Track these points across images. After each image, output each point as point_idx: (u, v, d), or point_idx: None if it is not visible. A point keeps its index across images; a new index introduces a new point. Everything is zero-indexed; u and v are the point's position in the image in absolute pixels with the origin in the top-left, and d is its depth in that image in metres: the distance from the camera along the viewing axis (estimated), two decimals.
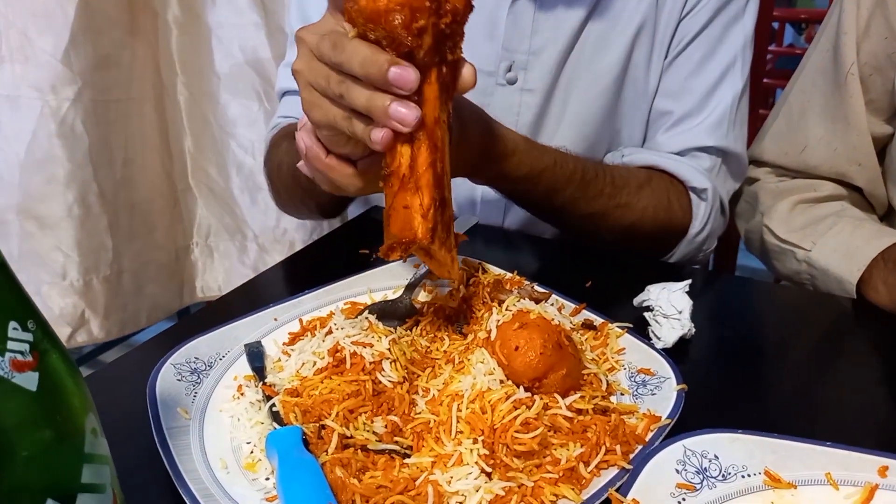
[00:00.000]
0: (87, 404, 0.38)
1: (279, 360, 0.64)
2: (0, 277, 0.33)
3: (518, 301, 0.61)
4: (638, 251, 0.90)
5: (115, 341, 2.08)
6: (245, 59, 1.38)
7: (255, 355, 0.64)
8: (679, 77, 0.93)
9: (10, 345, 0.33)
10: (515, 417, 0.51)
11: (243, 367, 0.63)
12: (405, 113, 0.52)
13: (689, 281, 0.71)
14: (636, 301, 0.73)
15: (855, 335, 0.70)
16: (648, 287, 0.73)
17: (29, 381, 0.33)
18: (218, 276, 1.55)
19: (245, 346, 0.65)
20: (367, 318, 0.63)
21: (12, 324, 0.33)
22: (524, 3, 0.90)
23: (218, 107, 1.42)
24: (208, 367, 0.63)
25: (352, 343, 0.58)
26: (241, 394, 0.60)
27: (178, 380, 0.60)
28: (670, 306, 0.69)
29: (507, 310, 0.60)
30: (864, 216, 0.94)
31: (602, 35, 0.91)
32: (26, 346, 0.33)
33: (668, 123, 0.94)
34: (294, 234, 1.50)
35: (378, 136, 0.54)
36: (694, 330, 0.69)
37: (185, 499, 0.47)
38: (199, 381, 0.61)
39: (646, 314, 0.71)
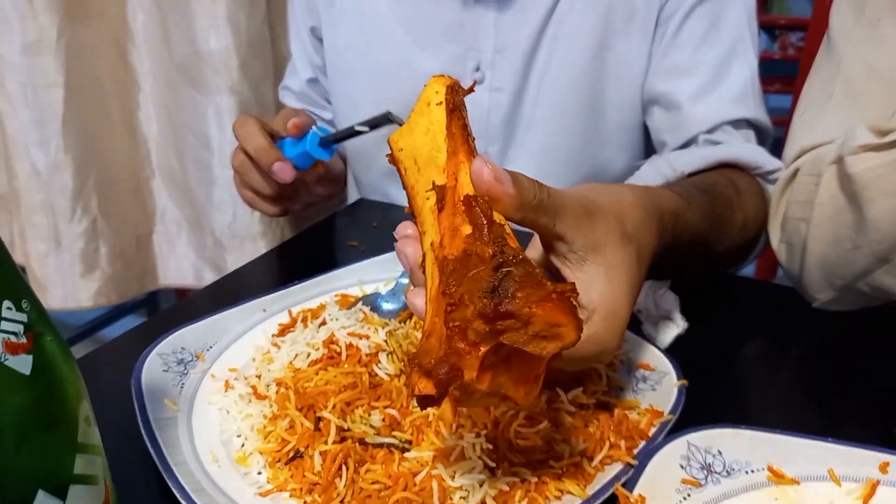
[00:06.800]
0: (81, 391, 0.35)
1: (268, 351, 0.62)
2: None
3: None
4: (731, 263, 0.85)
5: (82, 335, 2.05)
6: (196, 50, 1.33)
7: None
8: (685, 52, 0.88)
9: (4, 325, 0.31)
10: (519, 411, 0.49)
11: (231, 359, 0.61)
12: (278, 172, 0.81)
13: (669, 280, 0.70)
14: None
15: (855, 332, 0.70)
16: None
17: (22, 364, 0.31)
18: (178, 264, 1.51)
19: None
20: (361, 309, 0.62)
21: (6, 303, 0.31)
22: (483, 3, 0.88)
23: (177, 97, 1.37)
24: (195, 359, 0.60)
25: (347, 334, 0.57)
26: (230, 387, 0.58)
27: (165, 370, 0.58)
28: (658, 307, 0.69)
29: None
30: None
31: (566, 26, 0.89)
32: (20, 328, 0.31)
33: (687, 95, 0.87)
34: (250, 229, 1.44)
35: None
36: (686, 325, 0.68)
37: (175, 493, 0.45)
38: (185, 372, 0.59)
39: (636, 313, 0.70)
